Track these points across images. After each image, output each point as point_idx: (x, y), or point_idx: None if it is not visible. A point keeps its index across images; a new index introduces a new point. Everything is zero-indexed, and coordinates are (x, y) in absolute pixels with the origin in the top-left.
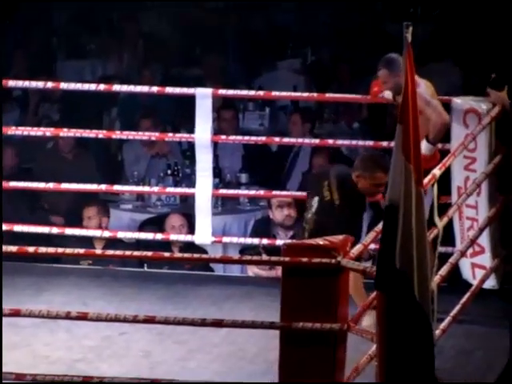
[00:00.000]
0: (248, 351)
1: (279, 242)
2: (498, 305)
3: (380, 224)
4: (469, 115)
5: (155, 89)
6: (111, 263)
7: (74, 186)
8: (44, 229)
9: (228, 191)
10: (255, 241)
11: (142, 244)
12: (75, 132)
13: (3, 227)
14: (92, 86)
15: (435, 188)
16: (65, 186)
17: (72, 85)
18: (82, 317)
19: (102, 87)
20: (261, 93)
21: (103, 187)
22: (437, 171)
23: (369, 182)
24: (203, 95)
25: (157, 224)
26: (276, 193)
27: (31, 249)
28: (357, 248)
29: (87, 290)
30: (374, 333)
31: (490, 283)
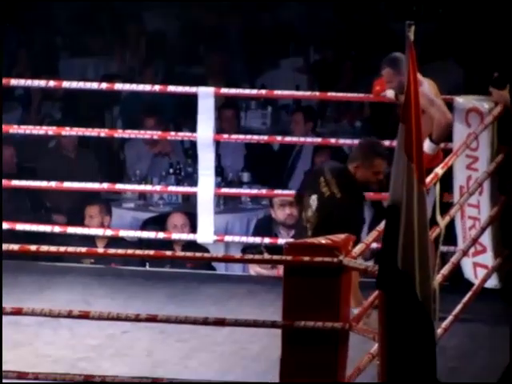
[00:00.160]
0: (250, 350)
1: (281, 241)
2: (500, 304)
3: (382, 223)
4: (471, 114)
5: (157, 87)
6: (113, 262)
7: (76, 185)
8: (46, 227)
9: (230, 190)
10: (257, 240)
11: (144, 243)
12: (77, 131)
13: (5, 226)
14: (94, 85)
15: (437, 187)
16: (67, 185)
17: (74, 83)
18: (84, 315)
19: (104, 86)
20: (263, 91)
21: (105, 186)
22: (439, 170)
23: (369, 171)
24: (205, 94)
25: (159, 223)
26: (278, 192)
27: (33, 247)
28: (359, 247)
29: (89, 289)
30: (376, 332)
31: (492, 282)
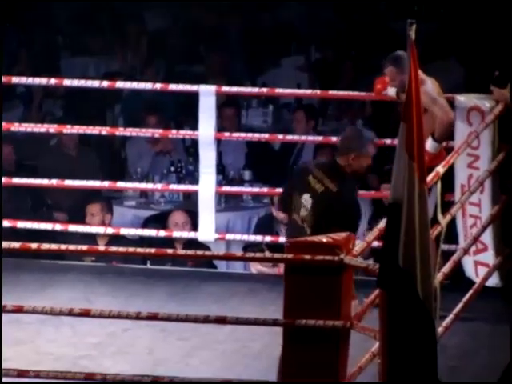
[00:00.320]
0: (252, 348)
1: (282, 239)
2: (501, 303)
3: (382, 222)
4: (472, 113)
5: (159, 85)
6: (114, 260)
7: (78, 183)
8: (47, 225)
9: (231, 188)
10: (258, 238)
11: (146, 241)
12: (78, 129)
13: (7, 224)
14: (95, 83)
15: (439, 186)
16: (68, 183)
17: (75, 81)
18: (85, 313)
19: (106, 84)
20: (264, 90)
21: (106, 184)
22: (440, 169)
23: (366, 158)
24: (207, 92)
25: (160, 221)
26: (279, 190)
27: (34, 245)
28: (360, 246)
29: (90, 287)
30: (377, 330)
31: (493, 281)
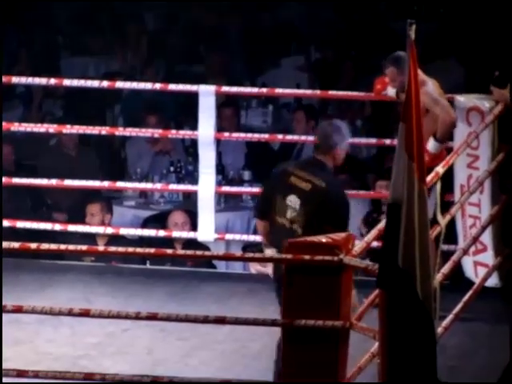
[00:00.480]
0: (251, 348)
1: None
2: (501, 303)
3: (382, 222)
4: (472, 113)
5: (158, 85)
6: (114, 260)
7: (77, 183)
8: (47, 225)
9: (231, 188)
10: (258, 238)
11: (145, 241)
12: (78, 129)
13: (6, 224)
14: (95, 83)
15: (438, 186)
16: (68, 183)
17: (75, 81)
18: (85, 313)
19: (105, 84)
20: (264, 90)
21: (106, 184)
22: (440, 169)
23: (345, 151)
24: (206, 92)
25: (159, 221)
26: None
27: (34, 245)
28: (359, 246)
29: (90, 287)
30: (377, 331)
31: (493, 281)
